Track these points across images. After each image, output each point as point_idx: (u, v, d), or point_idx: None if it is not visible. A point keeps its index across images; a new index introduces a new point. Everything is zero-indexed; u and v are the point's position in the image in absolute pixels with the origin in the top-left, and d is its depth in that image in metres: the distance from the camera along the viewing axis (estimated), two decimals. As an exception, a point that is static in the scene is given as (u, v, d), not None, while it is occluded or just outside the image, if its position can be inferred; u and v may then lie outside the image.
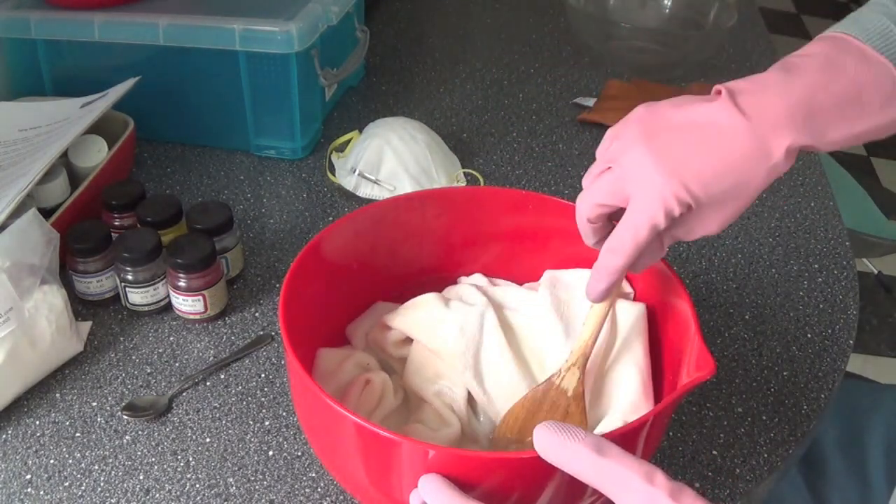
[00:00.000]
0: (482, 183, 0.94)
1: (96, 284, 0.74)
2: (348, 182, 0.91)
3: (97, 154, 0.83)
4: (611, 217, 0.54)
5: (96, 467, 0.62)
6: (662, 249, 0.54)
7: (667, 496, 0.39)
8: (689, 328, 0.54)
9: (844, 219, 0.94)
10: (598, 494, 0.42)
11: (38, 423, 0.65)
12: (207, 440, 0.65)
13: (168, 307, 0.75)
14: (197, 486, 0.61)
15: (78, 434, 0.65)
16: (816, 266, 0.86)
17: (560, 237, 0.64)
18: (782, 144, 0.48)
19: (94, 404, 0.67)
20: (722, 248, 0.88)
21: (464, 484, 0.46)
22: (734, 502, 0.62)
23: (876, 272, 2.11)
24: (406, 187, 0.89)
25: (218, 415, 0.67)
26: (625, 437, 0.48)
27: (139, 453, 0.63)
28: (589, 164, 0.55)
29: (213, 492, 0.61)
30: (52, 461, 0.63)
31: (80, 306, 0.75)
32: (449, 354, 0.60)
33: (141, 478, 0.62)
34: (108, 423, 0.66)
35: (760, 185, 0.50)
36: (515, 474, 0.46)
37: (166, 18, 0.89)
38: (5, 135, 0.83)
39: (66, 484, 0.61)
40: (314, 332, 0.60)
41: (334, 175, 0.93)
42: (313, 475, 0.62)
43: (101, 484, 0.61)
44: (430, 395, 0.60)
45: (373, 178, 0.90)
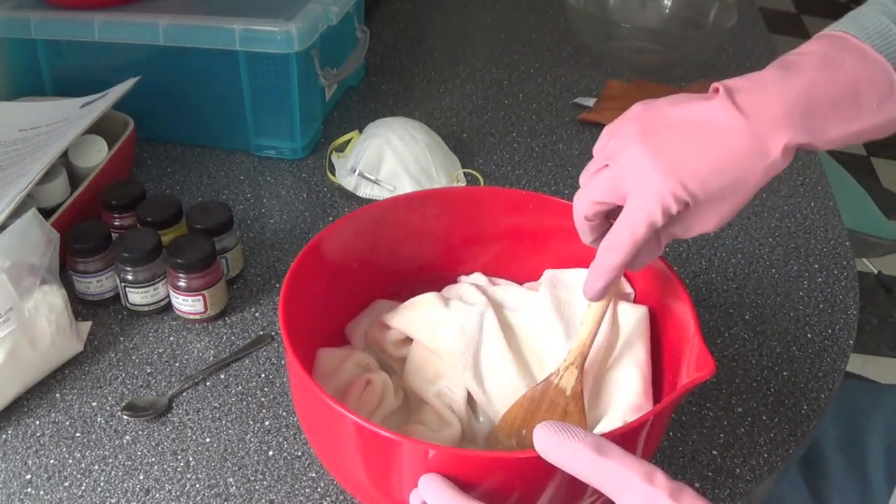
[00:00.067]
0: (482, 183, 0.94)
1: (96, 284, 0.74)
2: (348, 182, 0.91)
3: (97, 154, 0.83)
4: (608, 215, 0.54)
5: (96, 467, 0.62)
6: (660, 247, 0.54)
7: (667, 496, 0.39)
8: (688, 328, 0.54)
9: (844, 219, 0.93)
10: (598, 494, 0.42)
11: (38, 423, 0.65)
12: (207, 440, 0.65)
13: (168, 307, 0.75)
14: (197, 486, 0.61)
15: (78, 434, 0.65)
16: (816, 266, 0.86)
17: (560, 237, 0.64)
18: (780, 142, 0.48)
19: (94, 404, 0.67)
20: (722, 248, 0.88)
21: (464, 484, 0.46)
22: (734, 502, 0.62)
23: (876, 272, 2.11)
24: (406, 187, 0.89)
25: (218, 415, 0.67)
26: (625, 437, 0.47)
27: (139, 453, 0.63)
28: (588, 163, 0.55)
29: (213, 492, 0.61)
30: (52, 461, 0.63)
31: (80, 306, 0.75)
32: (449, 354, 0.60)
33: (141, 478, 0.62)
34: (108, 423, 0.66)
35: (758, 183, 0.50)
36: (515, 474, 0.46)
37: (166, 18, 0.89)
38: (5, 135, 0.83)
39: (66, 484, 0.61)
40: (314, 332, 0.60)
41: (334, 175, 0.93)
42: (313, 475, 0.62)
43: (101, 484, 0.61)
44: (430, 396, 0.60)
45: (373, 178, 0.90)
